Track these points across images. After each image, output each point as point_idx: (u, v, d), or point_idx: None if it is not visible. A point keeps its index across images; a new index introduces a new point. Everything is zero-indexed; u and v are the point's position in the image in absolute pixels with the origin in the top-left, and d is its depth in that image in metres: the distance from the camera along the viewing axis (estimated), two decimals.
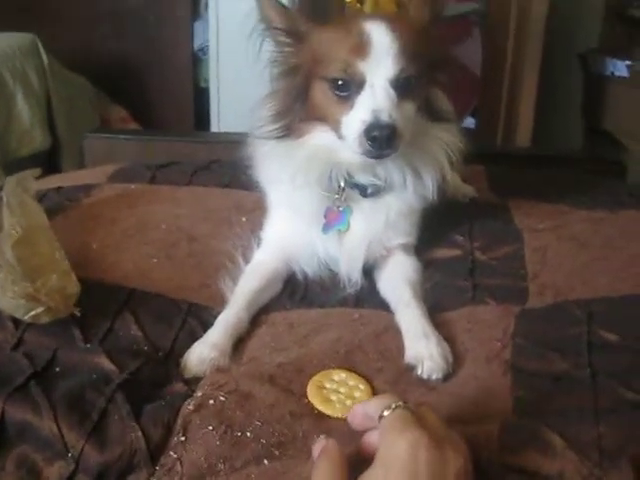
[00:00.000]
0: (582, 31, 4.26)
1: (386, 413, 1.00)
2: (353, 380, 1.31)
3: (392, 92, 1.45)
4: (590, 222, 1.89)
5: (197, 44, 4.70)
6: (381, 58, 1.45)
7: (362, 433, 1.07)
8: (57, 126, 4.09)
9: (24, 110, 3.87)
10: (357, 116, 1.46)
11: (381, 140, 1.43)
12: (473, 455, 1.01)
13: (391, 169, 1.58)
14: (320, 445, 1.03)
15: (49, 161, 4.00)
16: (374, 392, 1.29)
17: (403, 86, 1.47)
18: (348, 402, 1.25)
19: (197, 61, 4.73)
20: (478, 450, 1.06)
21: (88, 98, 4.44)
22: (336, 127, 1.51)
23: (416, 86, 1.51)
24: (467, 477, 0.95)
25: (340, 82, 1.48)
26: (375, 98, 1.45)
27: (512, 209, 2.01)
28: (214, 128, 4.38)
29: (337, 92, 1.49)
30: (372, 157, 1.49)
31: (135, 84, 4.72)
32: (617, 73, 3.98)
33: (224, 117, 4.35)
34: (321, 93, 1.52)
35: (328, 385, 1.29)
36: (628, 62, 3.91)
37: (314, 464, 1.01)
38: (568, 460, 1.06)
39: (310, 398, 1.27)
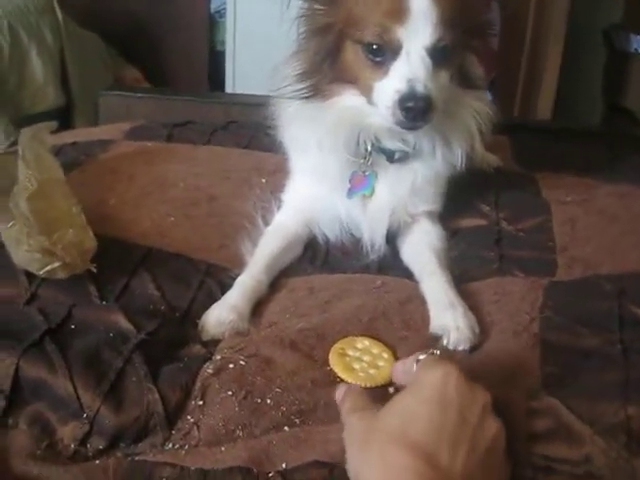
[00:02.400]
0: (606, 6, 4.17)
1: (422, 357, 1.03)
2: (377, 348, 1.26)
3: (428, 61, 1.39)
4: (617, 196, 1.84)
5: (214, 6, 4.63)
6: (419, 24, 1.37)
7: None
8: (71, 84, 4.04)
9: (38, 67, 3.82)
10: (391, 84, 1.39)
11: (416, 112, 1.37)
12: None
13: (421, 136, 1.53)
14: (343, 389, 1.09)
15: (62, 119, 3.95)
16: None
17: (440, 54, 1.40)
18: (371, 371, 1.20)
19: (213, 24, 4.67)
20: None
21: (102, 57, 4.38)
22: (367, 92, 1.45)
23: (452, 54, 1.45)
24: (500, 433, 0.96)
25: (375, 47, 1.41)
26: (411, 66, 1.38)
27: (538, 180, 1.97)
28: (229, 91, 4.32)
29: (371, 57, 1.42)
30: (404, 128, 1.44)
31: (149, 45, 4.65)
32: None
33: (239, 81, 4.30)
34: (353, 56, 1.46)
35: (351, 353, 1.25)
36: None
37: (340, 404, 1.06)
38: (595, 446, 1.02)
39: (332, 366, 1.22)
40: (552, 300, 1.39)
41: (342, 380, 1.19)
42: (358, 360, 1.23)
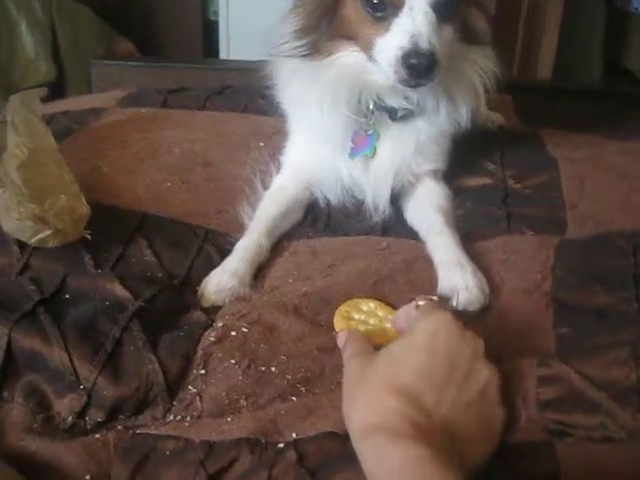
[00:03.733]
0: None
1: (421, 302, 1.06)
2: (382, 310, 1.22)
3: (432, 15, 1.33)
4: (626, 153, 1.78)
5: None
6: None
7: None
8: (62, 57, 3.98)
9: (28, 40, 3.76)
10: (393, 41, 1.34)
11: (419, 69, 1.32)
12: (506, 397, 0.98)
13: (424, 93, 1.47)
14: (344, 335, 1.09)
15: (54, 92, 3.89)
16: None
17: (444, 9, 1.35)
18: (389, 332, 1.15)
19: None
20: (512, 395, 1.01)
21: (93, 29, 4.30)
22: (368, 49, 1.40)
23: (456, 8, 1.39)
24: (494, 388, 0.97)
25: (375, 1, 1.35)
26: (414, 22, 1.32)
27: (543, 138, 1.91)
28: None
29: (371, 12, 1.37)
30: (408, 85, 1.39)
31: (142, 17, 4.58)
32: None
33: (234, 50, 4.24)
34: (353, 12, 1.40)
35: (356, 316, 1.20)
36: None
37: (342, 350, 1.06)
38: (609, 411, 0.98)
39: (337, 329, 1.18)
40: (564, 258, 1.34)
41: None
42: (364, 323, 1.18)
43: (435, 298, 1.08)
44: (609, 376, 1.02)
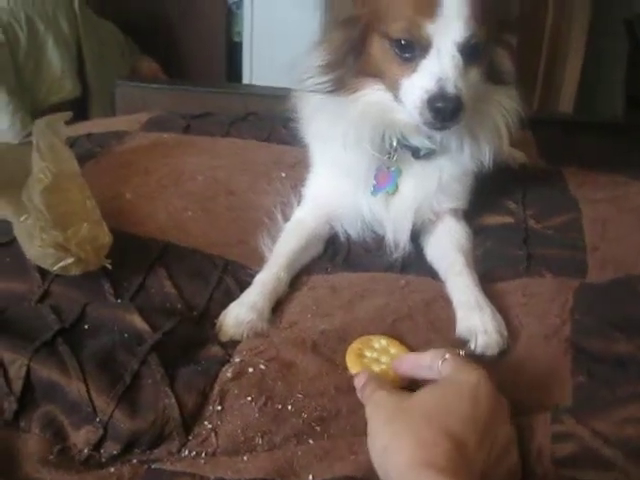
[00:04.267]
0: None
1: (448, 356, 1.04)
2: (394, 348, 1.21)
3: (459, 58, 1.33)
4: None
5: None
6: (450, 20, 1.31)
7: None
8: (87, 75, 4.01)
9: (54, 57, 3.78)
10: (420, 83, 1.34)
11: (445, 112, 1.32)
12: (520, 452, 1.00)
13: (448, 134, 1.47)
14: (365, 375, 1.09)
15: (79, 110, 3.91)
16: None
17: (471, 51, 1.35)
18: (391, 373, 1.14)
19: (231, 15, 4.62)
20: (527, 450, 1.01)
21: (119, 48, 4.35)
22: (394, 89, 1.40)
23: (484, 51, 1.39)
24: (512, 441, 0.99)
25: (403, 42, 1.35)
26: (441, 65, 1.32)
27: (565, 176, 1.91)
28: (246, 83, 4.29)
29: (399, 52, 1.36)
30: (432, 128, 1.39)
31: (166, 36, 4.63)
32: None
33: (257, 72, 4.26)
34: (380, 51, 1.40)
35: (368, 354, 1.19)
36: None
37: (361, 390, 1.06)
38: (622, 469, 0.97)
39: (350, 367, 1.17)
40: (583, 303, 1.33)
41: None
42: (376, 362, 1.17)
43: (462, 352, 1.09)
44: (623, 434, 1.00)
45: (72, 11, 3.92)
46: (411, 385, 1.10)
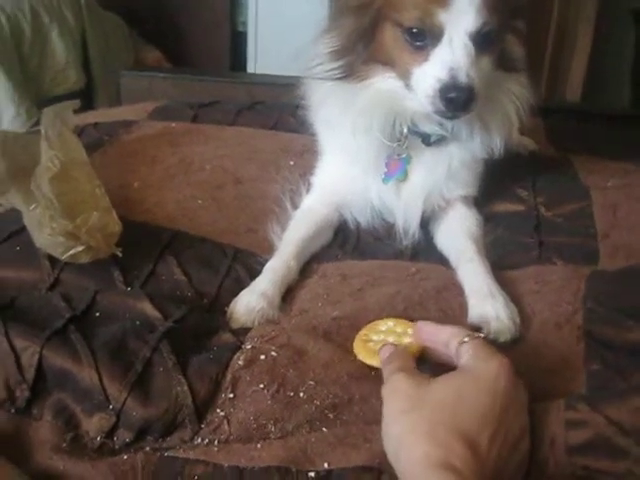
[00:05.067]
0: None
1: (468, 339, 1.04)
2: (401, 326, 1.19)
3: (472, 47, 1.32)
4: None
5: None
6: (463, 9, 1.30)
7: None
8: (92, 65, 4.01)
9: (59, 48, 3.79)
10: (432, 71, 1.33)
11: (457, 102, 1.31)
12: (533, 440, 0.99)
13: (459, 120, 1.46)
14: (390, 349, 1.09)
15: (83, 100, 3.90)
16: None
17: (483, 40, 1.34)
18: (409, 345, 1.14)
19: (235, 4, 4.61)
20: (540, 439, 1.00)
21: (123, 38, 4.35)
22: (405, 77, 1.39)
23: (496, 39, 1.39)
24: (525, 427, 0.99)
25: (415, 31, 1.34)
26: (454, 54, 1.31)
27: (575, 164, 1.90)
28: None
29: (410, 41, 1.35)
30: (444, 117, 1.38)
31: (171, 27, 4.62)
32: None
33: (261, 62, 4.26)
34: (392, 39, 1.39)
35: (375, 337, 1.18)
36: None
37: (383, 364, 1.07)
38: (637, 457, 0.96)
39: (356, 353, 1.16)
40: (595, 290, 1.32)
41: (377, 373, 1.13)
42: (383, 343, 1.16)
43: (482, 335, 1.08)
44: (637, 421, 0.99)
45: (77, 2, 3.93)
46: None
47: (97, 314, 1.20)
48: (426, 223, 1.59)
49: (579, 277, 1.37)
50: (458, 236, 1.51)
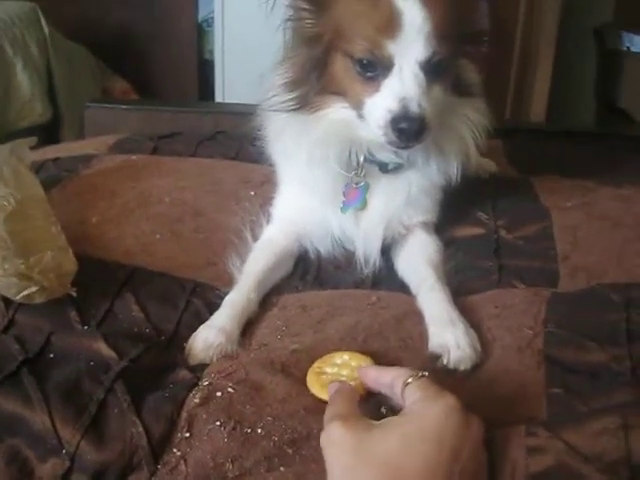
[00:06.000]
0: (597, 5, 4.11)
1: (412, 380, 1.02)
2: (355, 360, 1.19)
3: (422, 77, 1.32)
4: (620, 200, 1.77)
5: (202, 15, 4.59)
6: (412, 39, 1.30)
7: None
8: (58, 98, 4.00)
9: (24, 81, 3.77)
10: (383, 102, 1.33)
11: (409, 133, 1.31)
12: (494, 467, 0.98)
13: (415, 148, 1.45)
14: (335, 386, 1.08)
15: (50, 133, 3.89)
16: None
17: (434, 69, 1.34)
18: (351, 383, 1.13)
19: (202, 33, 4.63)
20: (501, 466, 0.99)
21: (89, 69, 4.34)
22: (358, 107, 1.39)
23: (448, 66, 1.39)
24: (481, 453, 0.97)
25: (365, 62, 1.34)
26: (404, 84, 1.32)
27: (535, 185, 1.90)
28: (219, 101, 4.26)
29: (361, 71, 1.35)
30: (397, 147, 1.39)
31: (137, 56, 4.62)
32: (633, 49, 3.82)
33: (229, 90, 4.24)
34: (343, 70, 1.39)
35: (329, 370, 1.17)
36: None
37: (330, 400, 1.06)
38: None
39: (309, 386, 1.15)
40: (555, 313, 1.32)
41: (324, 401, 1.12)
42: (337, 376, 1.16)
43: (426, 374, 1.04)
44: (597, 447, 0.98)
45: (41, 34, 3.92)
46: None
47: (51, 355, 1.18)
48: (387, 250, 1.59)
49: (540, 300, 1.36)
50: (418, 263, 1.51)
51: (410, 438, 0.93)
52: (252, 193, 1.83)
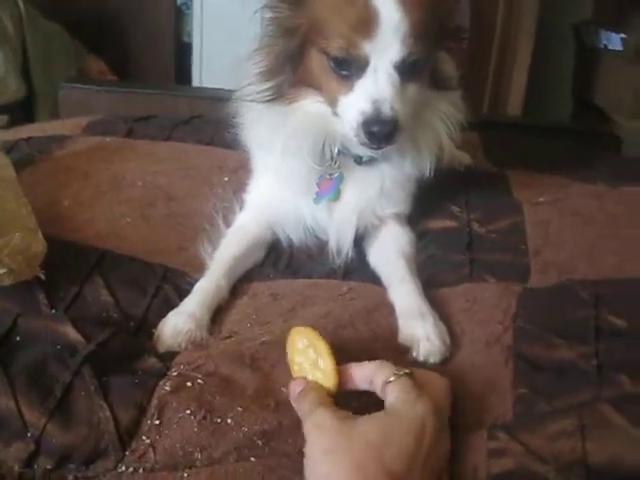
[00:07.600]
0: (575, 2, 4.12)
1: (394, 379, 1.02)
2: (313, 348, 1.11)
3: (397, 77, 1.31)
4: (592, 197, 1.77)
5: None
6: (388, 39, 1.29)
7: None
8: (33, 76, 3.94)
9: None
10: (356, 103, 1.32)
11: (379, 136, 1.31)
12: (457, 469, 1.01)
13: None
14: (298, 384, 1.07)
15: (24, 112, 3.85)
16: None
17: (409, 69, 1.33)
18: (318, 374, 1.09)
19: (180, 15, 4.57)
20: (463, 468, 1.02)
21: (65, 48, 4.27)
22: (332, 104, 1.38)
23: (424, 65, 1.38)
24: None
25: (340, 60, 1.33)
26: (377, 85, 1.31)
27: (510, 179, 1.90)
28: (196, 84, 4.23)
29: (336, 69, 1.34)
30: (369, 148, 1.38)
31: (114, 36, 4.55)
32: (611, 46, 3.83)
33: (207, 73, 4.21)
34: (318, 65, 1.37)
35: (300, 359, 1.13)
36: (623, 35, 3.76)
37: (297, 400, 1.05)
38: None
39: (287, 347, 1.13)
40: (525, 308, 1.33)
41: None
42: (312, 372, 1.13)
43: (407, 371, 1.04)
44: (555, 449, 1.00)
45: (17, 12, 3.85)
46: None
47: (17, 338, 1.17)
48: (359, 241, 1.58)
49: (510, 295, 1.37)
50: (390, 255, 1.51)
51: (391, 430, 0.96)
52: (226, 179, 1.82)
